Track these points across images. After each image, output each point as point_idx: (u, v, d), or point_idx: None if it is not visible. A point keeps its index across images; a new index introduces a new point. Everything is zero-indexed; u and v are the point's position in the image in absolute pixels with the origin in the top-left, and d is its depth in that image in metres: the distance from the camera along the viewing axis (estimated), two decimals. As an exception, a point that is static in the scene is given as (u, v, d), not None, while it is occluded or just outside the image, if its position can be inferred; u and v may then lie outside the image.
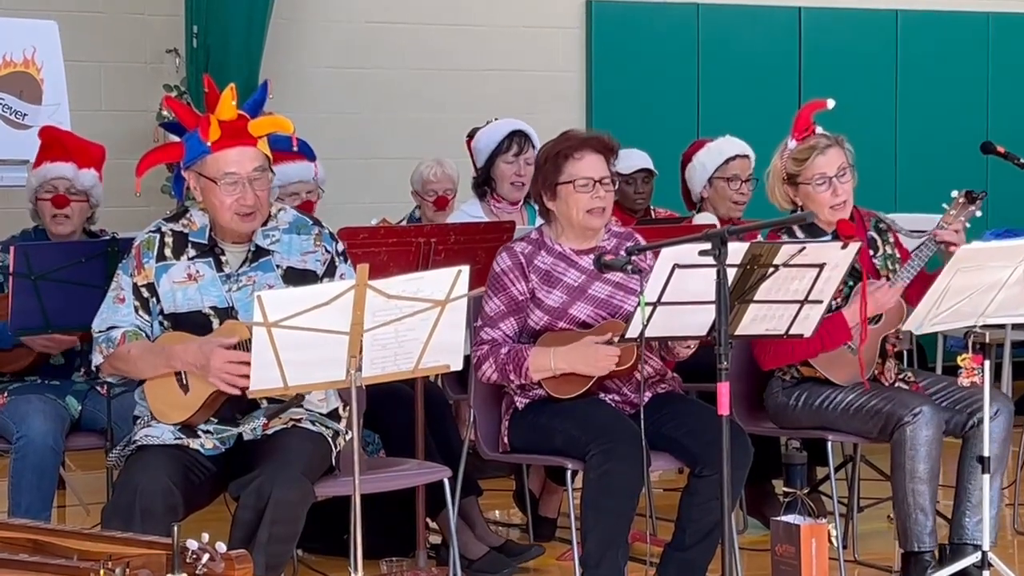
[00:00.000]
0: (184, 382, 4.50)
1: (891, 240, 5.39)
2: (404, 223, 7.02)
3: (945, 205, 5.22)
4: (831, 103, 5.23)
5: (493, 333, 5.01)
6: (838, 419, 5.26)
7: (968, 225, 5.21)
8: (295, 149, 4.95)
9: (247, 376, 4.23)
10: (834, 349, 5.17)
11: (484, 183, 6.52)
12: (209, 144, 4.52)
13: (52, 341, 5.48)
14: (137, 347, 4.53)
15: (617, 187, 5.18)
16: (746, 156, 6.86)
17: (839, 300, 5.18)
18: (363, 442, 5.35)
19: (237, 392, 4.35)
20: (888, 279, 5.23)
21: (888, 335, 5.30)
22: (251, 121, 4.57)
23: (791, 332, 4.62)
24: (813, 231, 5.25)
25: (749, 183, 6.83)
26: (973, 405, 5.22)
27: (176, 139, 4.74)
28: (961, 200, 5.21)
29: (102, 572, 2.88)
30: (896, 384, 5.32)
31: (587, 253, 5.04)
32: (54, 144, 5.86)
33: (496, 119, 6.73)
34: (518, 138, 6.49)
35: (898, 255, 5.35)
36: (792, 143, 5.27)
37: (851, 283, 5.19)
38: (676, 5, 9.59)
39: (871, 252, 5.34)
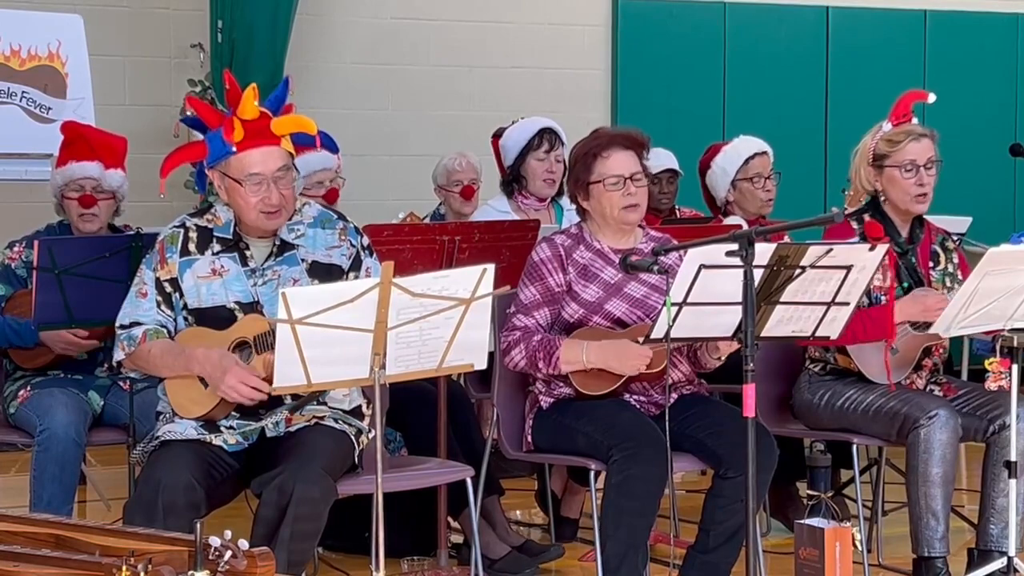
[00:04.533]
0: (205, 377, 4.50)
1: (955, 260, 5.39)
2: (427, 220, 7.01)
3: (1017, 235, 5.22)
4: (932, 97, 5.23)
5: (526, 320, 5.00)
6: (858, 420, 5.27)
7: None
8: (319, 149, 4.93)
9: (254, 400, 4.34)
10: (873, 340, 5.15)
11: (513, 181, 6.50)
12: (233, 145, 4.51)
13: (71, 345, 5.48)
14: (158, 347, 4.53)
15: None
16: (764, 153, 6.85)
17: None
18: (385, 440, 5.33)
19: (249, 403, 4.40)
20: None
21: (931, 351, 5.29)
22: (274, 120, 4.56)
23: (818, 334, 4.59)
24: (884, 220, 5.24)
25: (772, 179, 6.82)
26: (995, 410, 5.22)
27: (198, 136, 4.73)
28: None
29: (124, 568, 2.87)
30: (928, 388, 5.31)
31: (625, 252, 5.03)
32: (77, 140, 5.85)
33: (522, 118, 6.72)
34: (548, 135, 6.49)
35: (959, 275, 5.34)
36: (887, 126, 5.26)
37: (909, 284, 5.20)
38: (703, 3, 9.56)
39: (931, 264, 5.34)
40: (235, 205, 4.57)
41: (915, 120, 5.29)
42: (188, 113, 7.72)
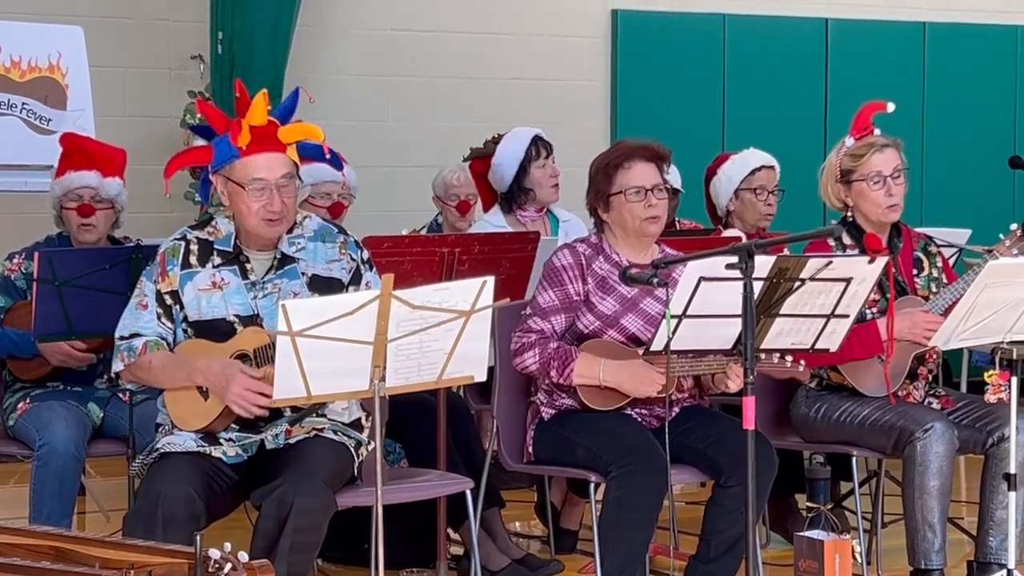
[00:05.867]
0: (204, 389, 4.50)
1: (939, 264, 5.39)
2: (424, 231, 7.02)
3: (1002, 235, 5.22)
4: (891, 106, 5.24)
5: (543, 324, 5.00)
6: (855, 433, 5.27)
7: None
8: (327, 157, 4.94)
9: (261, 406, 4.32)
10: (864, 358, 5.16)
11: (513, 197, 6.47)
12: (239, 149, 4.51)
13: (69, 357, 5.48)
14: (159, 358, 4.53)
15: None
16: (771, 167, 6.86)
17: (875, 311, 5.18)
18: (385, 452, 5.33)
19: (250, 416, 4.38)
20: (927, 299, 5.23)
21: (924, 358, 5.30)
22: (281, 128, 4.57)
23: (817, 347, 4.60)
24: (859, 235, 5.24)
25: (775, 194, 6.83)
26: (994, 423, 5.22)
27: (203, 142, 4.73)
28: (1018, 233, 5.22)
29: (124, 581, 2.87)
30: (926, 401, 5.32)
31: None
32: (76, 151, 5.85)
33: (498, 134, 6.70)
34: (542, 143, 6.51)
35: (944, 279, 5.34)
36: (850, 141, 5.28)
37: (895, 294, 5.21)
38: (702, 15, 9.57)
39: (915, 271, 5.34)
40: (236, 211, 4.57)
41: (877, 131, 5.30)
42: (194, 119, 7.78)
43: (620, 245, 5.10)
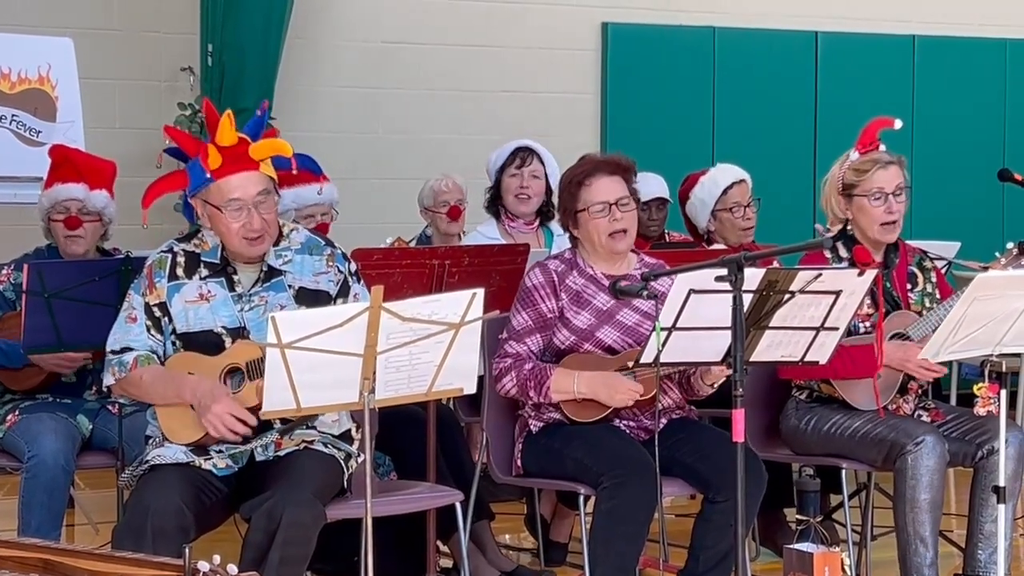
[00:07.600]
0: (196, 403, 4.50)
1: (933, 279, 5.40)
2: (414, 243, 7.03)
3: (997, 254, 5.23)
4: (899, 123, 5.25)
5: (518, 347, 5.00)
6: (844, 446, 5.28)
7: None
8: (294, 171, 4.92)
9: (237, 433, 4.34)
10: (857, 378, 5.17)
11: (495, 201, 6.57)
12: (210, 173, 4.50)
13: (64, 360, 5.47)
14: (149, 374, 4.53)
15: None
16: (742, 181, 6.85)
17: (867, 325, 5.18)
18: (374, 464, 5.33)
19: (222, 436, 4.41)
20: (921, 315, 5.24)
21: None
22: (252, 145, 4.55)
23: (806, 359, 4.60)
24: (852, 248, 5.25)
25: (752, 207, 6.82)
26: (983, 435, 5.22)
27: (180, 161, 4.72)
28: (1014, 252, 5.23)
29: (113, 594, 2.87)
30: (916, 414, 5.32)
31: (617, 278, 5.02)
32: (64, 163, 5.84)
33: None
34: (522, 152, 6.58)
35: (938, 295, 5.35)
36: (855, 155, 5.27)
37: (887, 309, 5.21)
38: (692, 28, 9.58)
39: (909, 286, 5.35)
40: (218, 232, 4.58)
41: (883, 147, 5.31)
42: (185, 130, 7.77)
43: (594, 259, 5.11)
